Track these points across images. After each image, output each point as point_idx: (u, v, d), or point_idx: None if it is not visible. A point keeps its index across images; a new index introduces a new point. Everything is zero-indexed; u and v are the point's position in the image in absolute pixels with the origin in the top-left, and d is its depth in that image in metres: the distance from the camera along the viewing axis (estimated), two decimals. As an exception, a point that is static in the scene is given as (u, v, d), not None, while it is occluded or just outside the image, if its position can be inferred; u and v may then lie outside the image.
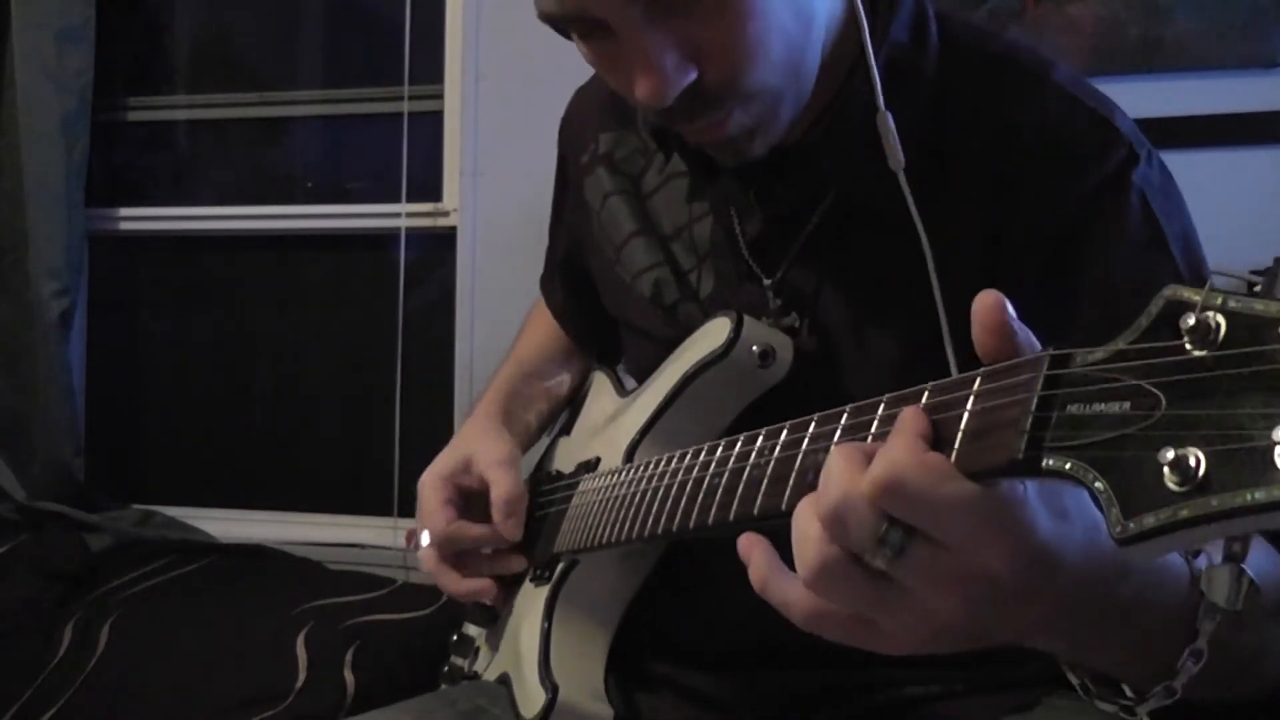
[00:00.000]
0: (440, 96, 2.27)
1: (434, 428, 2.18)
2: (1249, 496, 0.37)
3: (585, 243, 1.05)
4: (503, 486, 0.98)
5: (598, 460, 0.95)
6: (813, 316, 0.85)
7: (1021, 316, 0.48)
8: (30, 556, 2.03)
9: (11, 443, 2.35)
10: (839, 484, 0.50)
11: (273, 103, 2.52)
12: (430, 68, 2.29)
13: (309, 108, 2.53)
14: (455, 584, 1.01)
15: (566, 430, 1.10)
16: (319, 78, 2.59)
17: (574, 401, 1.13)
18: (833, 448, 0.53)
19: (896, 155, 0.77)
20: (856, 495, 0.48)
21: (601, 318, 1.06)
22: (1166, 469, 0.39)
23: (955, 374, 0.71)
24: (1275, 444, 0.37)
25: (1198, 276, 0.77)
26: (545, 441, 1.13)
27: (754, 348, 0.83)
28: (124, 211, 2.52)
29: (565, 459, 1.04)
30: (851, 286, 0.84)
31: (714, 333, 0.85)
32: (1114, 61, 1.84)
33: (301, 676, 1.65)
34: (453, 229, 2.24)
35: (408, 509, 2.22)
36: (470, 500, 1.02)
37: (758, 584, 0.56)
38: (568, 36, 0.79)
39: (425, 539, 1.01)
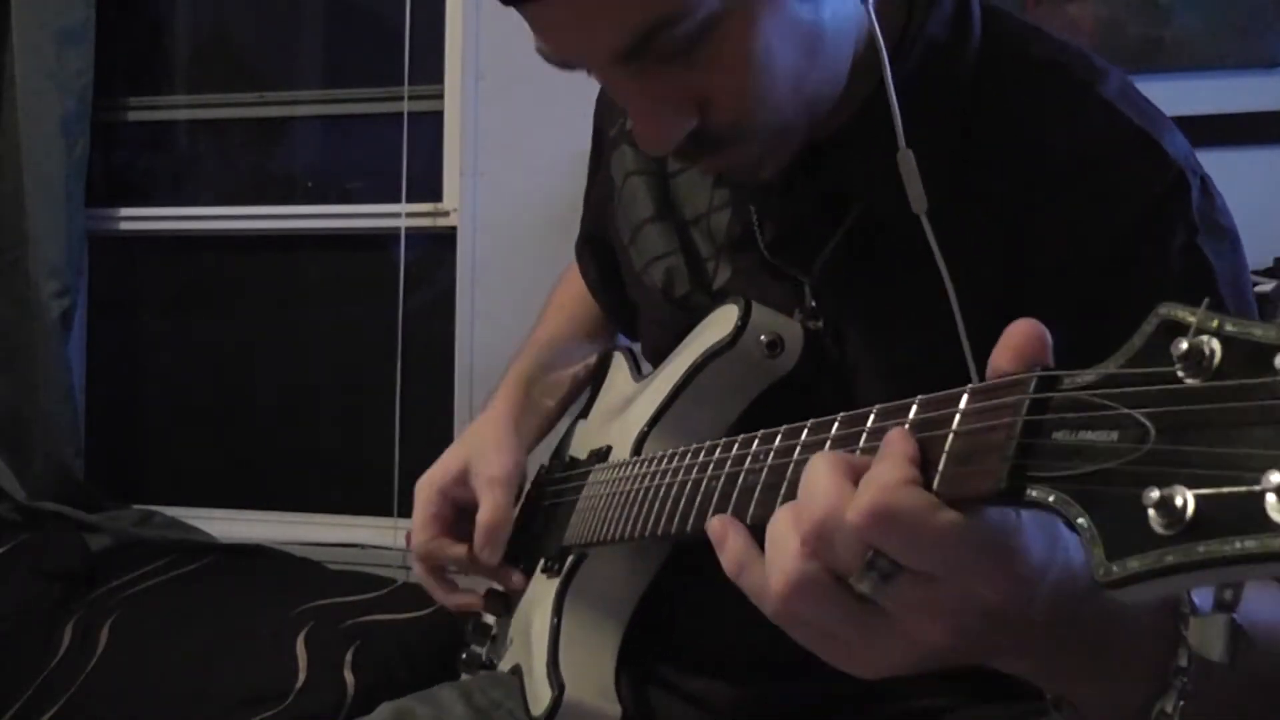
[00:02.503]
0: (440, 96, 2.27)
1: (434, 428, 2.18)
2: (1238, 545, 0.35)
3: (607, 219, 1.02)
4: (488, 510, 0.97)
5: (608, 449, 0.94)
6: (835, 326, 0.81)
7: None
8: (30, 556, 2.03)
9: (11, 443, 2.35)
10: (824, 501, 0.48)
11: (273, 103, 2.52)
12: (430, 68, 2.29)
13: (309, 108, 2.53)
14: (443, 596, 1.03)
15: (585, 414, 1.09)
16: (319, 78, 2.59)
17: (594, 383, 1.11)
18: (815, 457, 0.51)
19: (919, 197, 0.72)
20: (842, 518, 0.47)
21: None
22: (1152, 510, 0.37)
23: None
24: (1267, 490, 0.34)
25: None
26: (566, 422, 1.12)
27: (762, 337, 0.81)
28: (124, 211, 2.52)
29: (581, 445, 1.03)
30: (873, 304, 0.80)
31: (721, 321, 0.83)
32: (1114, 61, 1.83)
33: (301, 676, 1.65)
34: (453, 229, 2.23)
35: (407, 509, 2.16)
36: (462, 513, 1.01)
37: (731, 570, 0.55)
38: None
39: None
